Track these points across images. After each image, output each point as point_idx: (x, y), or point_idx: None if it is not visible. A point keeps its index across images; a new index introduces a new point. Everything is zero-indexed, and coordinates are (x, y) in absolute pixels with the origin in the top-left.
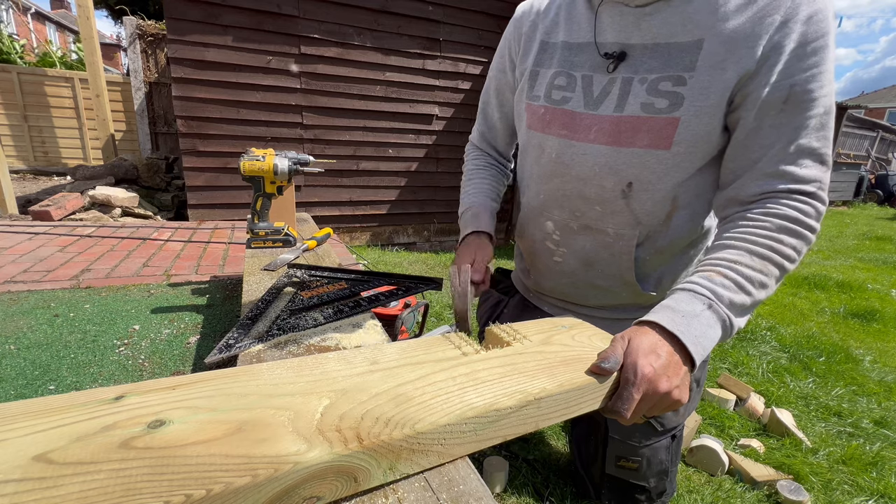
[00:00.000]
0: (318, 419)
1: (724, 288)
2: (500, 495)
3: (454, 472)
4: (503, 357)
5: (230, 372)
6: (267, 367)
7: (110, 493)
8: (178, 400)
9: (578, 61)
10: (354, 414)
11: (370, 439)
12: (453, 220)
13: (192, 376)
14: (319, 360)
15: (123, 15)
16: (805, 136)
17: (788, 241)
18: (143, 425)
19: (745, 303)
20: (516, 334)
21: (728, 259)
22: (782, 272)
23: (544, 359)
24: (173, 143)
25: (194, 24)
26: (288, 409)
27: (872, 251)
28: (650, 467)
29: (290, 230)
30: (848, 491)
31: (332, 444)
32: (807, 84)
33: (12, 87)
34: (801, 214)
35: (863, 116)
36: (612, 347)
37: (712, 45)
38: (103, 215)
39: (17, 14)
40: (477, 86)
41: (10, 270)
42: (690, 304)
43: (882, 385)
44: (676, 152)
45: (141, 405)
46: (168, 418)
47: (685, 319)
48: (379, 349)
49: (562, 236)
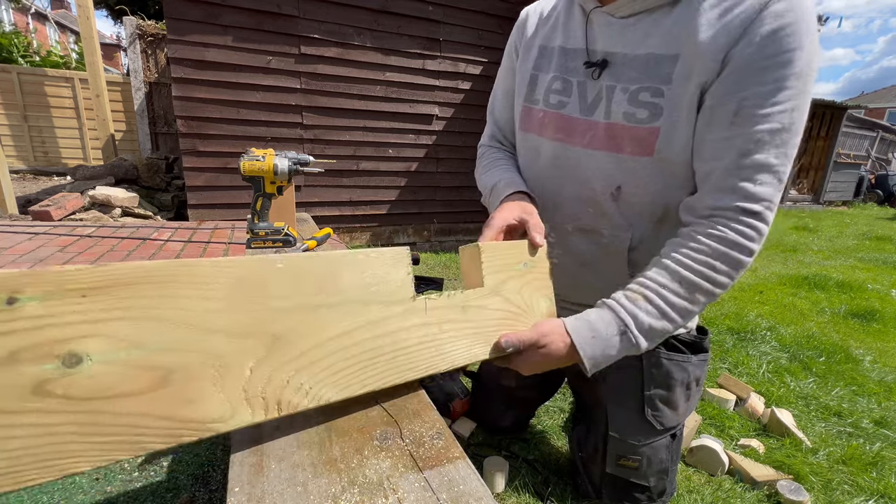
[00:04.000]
0: (245, 379)
1: (646, 314)
2: (500, 495)
3: (454, 472)
4: (445, 309)
5: (160, 272)
6: (209, 268)
7: (38, 454)
8: (94, 318)
9: (573, 67)
10: (280, 377)
11: (289, 409)
12: (453, 220)
13: (106, 271)
14: (265, 272)
15: (123, 15)
16: (763, 151)
17: (722, 269)
18: (55, 359)
19: (667, 328)
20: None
21: (658, 283)
22: (710, 298)
23: (473, 325)
24: (173, 143)
25: (194, 24)
26: (219, 360)
27: (872, 251)
28: (650, 466)
29: (290, 230)
30: (848, 491)
31: (254, 412)
32: (759, 99)
33: (12, 87)
34: (744, 239)
35: (863, 116)
36: (523, 335)
37: (686, 59)
38: (103, 215)
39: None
40: (477, 86)
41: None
42: (608, 325)
43: (882, 385)
44: (659, 159)
45: (45, 320)
46: (84, 351)
47: (595, 341)
48: (333, 270)
49: (557, 238)
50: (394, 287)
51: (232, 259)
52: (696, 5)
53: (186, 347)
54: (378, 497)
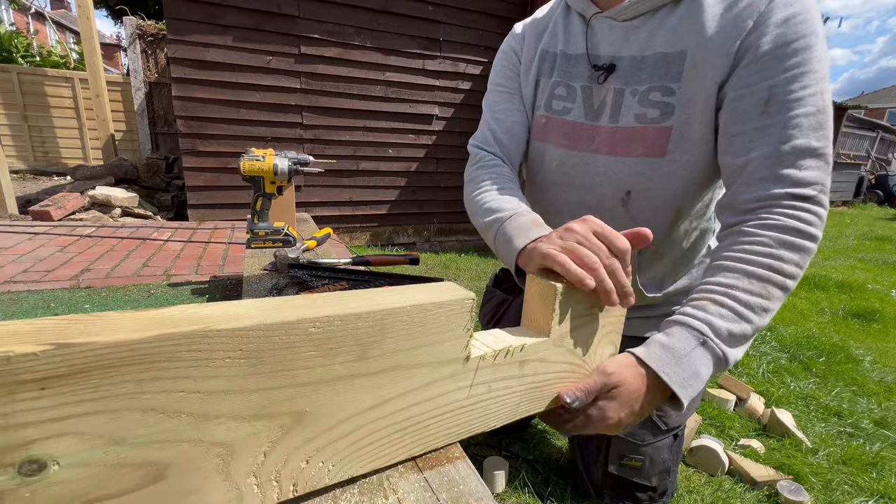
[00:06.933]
0: (258, 465)
1: (720, 318)
2: (500, 495)
3: (454, 472)
4: (500, 367)
5: (151, 349)
6: (222, 339)
7: None
8: (57, 416)
9: (576, 72)
10: (299, 456)
11: (306, 488)
12: (453, 221)
13: (74, 353)
14: (292, 338)
15: (123, 15)
16: (802, 136)
17: (790, 258)
18: (8, 469)
19: (746, 332)
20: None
21: (724, 284)
22: (785, 291)
23: (528, 381)
24: (173, 143)
25: (194, 24)
26: (225, 447)
27: (872, 251)
28: (653, 466)
29: (290, 230)
30: (848, 491)
31: (265, 497)
32: (788, 85)
33: (12, 87)
34: (803, 224)
35: (862, 117)
36: (585, 384)
37: (695, 55)
38: (103, 215)
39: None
40: (477, 86)
41: (10, 270)
42: (683, 340)
43: (882, 385)
44: (671, 160)
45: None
46: (48, 454)
47: (675, 360)
48: (381, 330)
49: None
50: (447, 346)
51: (251, 325)
52: (699, 1)
53: (181, 438)
54: (378, 497)
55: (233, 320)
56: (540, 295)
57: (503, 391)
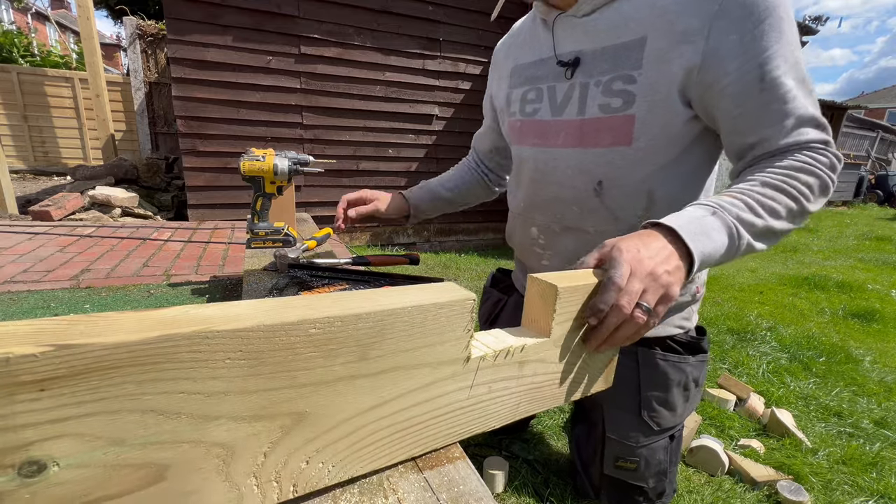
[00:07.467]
0: (258, 465)
1: (731, 204)
2: (500, 495)
3: (454, 472)
4: (500, 367)
5: (150, 351)
6: (221, 341)
7: None
8: (56, 417)
9: (542, 74)
10: (300, 457)
11: (306, 489)
12: (453, 220)
13: (73, 354)
14: (292, 340)
15: (123, 15)
16: (803, 107)
17: (804, 179)
18: (8, 470)
19: (755, 223)
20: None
21: (738, 188)
22: (797, 205)
23: (527, 382)
24: (173, 143)
25: (194, 24)
26: (226, 447)
27: (872, 251)
28: (648, 467)
29: (290, 230)
30: (848, 491)
31: (265, 497)
32: (776, 59)
33: (12, 87)
34: (815, 161)
35: (862, 117)
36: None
37: (655, 41)
38: (103, 215)
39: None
40: (477, 86)
41: (10, 270)
42: (693, 210)
43: (882, 385)
44: (638, 147)
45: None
46: (48, 455)
47: (683, 218)
48: (381, 331)
49: (546, 240)
50: (448, 347)
51: (251, 326)
52: None
53: (181, 439)
54: (378, 497)
55: (233, 321)
56: (541, 295)
57: (503, 392)
